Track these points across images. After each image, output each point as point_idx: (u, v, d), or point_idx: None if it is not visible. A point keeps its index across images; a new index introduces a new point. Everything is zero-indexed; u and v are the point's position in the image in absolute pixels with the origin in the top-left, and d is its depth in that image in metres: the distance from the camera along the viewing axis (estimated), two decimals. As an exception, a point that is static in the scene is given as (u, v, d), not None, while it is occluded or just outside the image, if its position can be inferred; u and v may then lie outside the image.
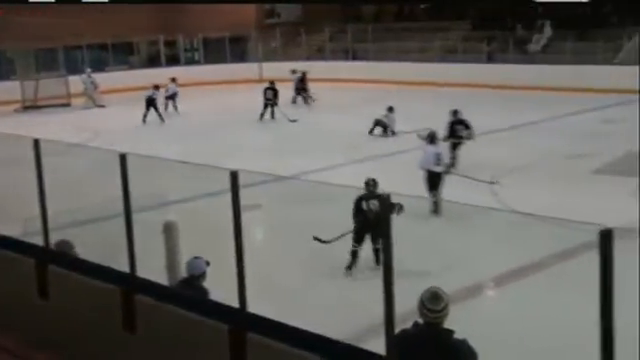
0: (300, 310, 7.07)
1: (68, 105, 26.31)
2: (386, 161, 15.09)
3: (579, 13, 25.25)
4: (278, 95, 22.22)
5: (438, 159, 11.50)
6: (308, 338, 3.80)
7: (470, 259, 9.12)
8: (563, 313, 7.23)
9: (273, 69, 29.29)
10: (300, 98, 25.16)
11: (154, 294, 4.56)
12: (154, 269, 6.39)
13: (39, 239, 5.55)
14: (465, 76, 26.53)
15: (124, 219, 4.80)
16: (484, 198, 11.48)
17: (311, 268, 9.15)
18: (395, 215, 7.21)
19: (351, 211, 8.99)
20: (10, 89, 26.04)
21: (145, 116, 21.97)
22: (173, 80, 24.70)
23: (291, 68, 26.06)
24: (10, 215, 8.03)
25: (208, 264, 5.93)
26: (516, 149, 16.04)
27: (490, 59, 28.27)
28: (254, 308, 4.14)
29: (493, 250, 9.42)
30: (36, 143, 5.33)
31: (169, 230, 7.62)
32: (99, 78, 27.82)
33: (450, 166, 12.25)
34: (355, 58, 31.81)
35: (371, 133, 18.26)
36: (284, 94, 23.09)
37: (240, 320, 4.08)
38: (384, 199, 4.15)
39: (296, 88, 25.27)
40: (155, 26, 32.73)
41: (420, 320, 3.99)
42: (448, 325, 3.99)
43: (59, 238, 6.47)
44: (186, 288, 5.76)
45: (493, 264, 8.95)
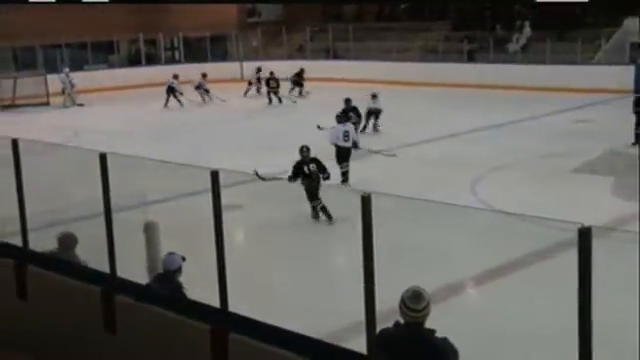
0: (281, 309, 7.07)
1: (47, 104, 26.11)
2: (367, 160, 15.11)
3: (558, 13, 25.46)
4: (279, 83, 25.15)
5: (346, 135, 13.36)
6: (290, 337, 3.81)
7: (450, 258, 9.16)
8: (541, 311, 7.28)
9: (254, 68, 29.27)
10: (296, 90, 26.32)
11: (135, 294, 4.54)
12: (135, 269, 6.37)
13: (17, 240, 5.51)
14: (445, 76, 26.67)
15: (104, 219, 4.78)
16: (464, 197, 11.56)
17: (293, 267, 9.15)
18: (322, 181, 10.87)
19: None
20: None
21: (167, 101, 25.09)
22: (204, 76, 26.22)
23: (257, 66, 27.57)
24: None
25: (184, 259, 5.97)
26: (495, 148, 16.14)
27: (470, 59, 28.43)
28: (235, 307, 4.14)
29: (473, 249, 9.46)
30: (14, 143, 5.29)
31: (150, 230, 7.59)
32: (78, 77, 27.62)
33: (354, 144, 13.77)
34: (336, 57, 31.86)
35: (364, 130, 18.05)
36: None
37: (222, 320, 4.08)
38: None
39: (293, 82, 26.51)
40: (135, 25, 32.52)
41: (401, 319, 4.00)
42: (430, 322, 4.01)
43: (63, 231, 6.49)
44: (162, 282, 5.78)
45: (473, 263, 8.99)
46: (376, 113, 18.76)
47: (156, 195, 11.20)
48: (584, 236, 2.96)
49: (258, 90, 27.05)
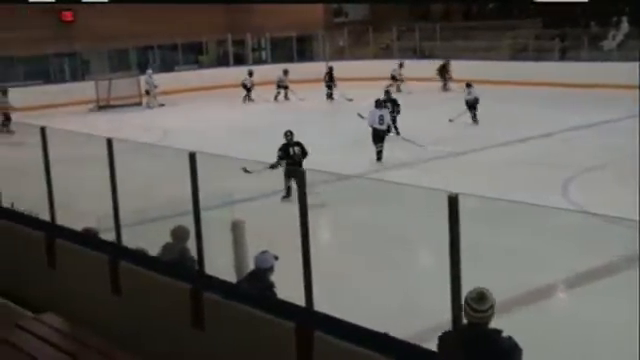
0: (366, 309, 7.05)
1: (139, 104, 26.94)
2: (451, 162, 14.92)
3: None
4: (334, 79, 26.10)
5: (381, 119, 15.20)
6: (374, 337, 3.79)
7: (541, 260, 8.93)
8: (633, 320, 7.00)
9: (340, 68, 29.30)
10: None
11: (222, 292, 4.61)
12: (222, 267, 6.49)
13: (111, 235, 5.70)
14: (536, 74, 25.99)
15: (193, 217, 4.87)
16: (555, 198, 11.25)
17: (377, 267, 9.12)
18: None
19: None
20: (85, 89, 26.83)
21: (245, 98, 26.45)
22: (285, 72, 26.87)
23: (283, 69, 27.32)
24: (85, 212, 8.25)
25: (276, 258, 5.99)
26: (589, 148, 15.64)
27: (562, 57, 27.62)
28: (320, 306, 4.15)
29: (564, 252, 9.20)
30: (109, 143, 5.45)
31: (237, 228, 7.70)
32: (169, 78, 28.36)
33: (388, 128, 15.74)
34: (423, 57, 31.55)
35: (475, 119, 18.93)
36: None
37: (307, 318, 4.10)
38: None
39: (327, 83, 26.79)
40: (224, 26, 33.19)
41: (465, 320, 3.93)
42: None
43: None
44: (253, 280, 5.84)
45: (564, 266, 8.74)
46: (473, 103, 18.61)
47: (243, 194, 11.37)
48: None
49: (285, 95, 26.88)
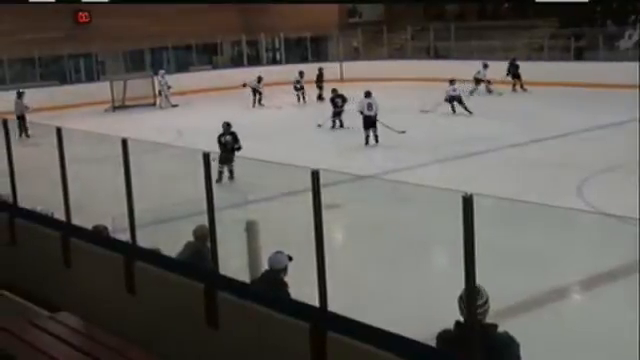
0: (380, 309, 7.04)
1: (154, 105, 27.06)
2: (468, 162, 14.88)
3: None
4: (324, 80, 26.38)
5: (369, 107, 17.06)
6: (389, 338, 3.78)
7: (556, 261, 8.89)
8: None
9: (354, 69, 29.32)
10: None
11: (236, 291, 4.62)
12: (236, 267, 6.50)
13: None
14: (551, 74, 25.86)
15: (207, 217, 4.88)
16: (570, 199, 11.19)
17: (391, 268, 9.10)
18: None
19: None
20: (100, 89, 26.98)
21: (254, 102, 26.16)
22: (301, 74, 26.59)
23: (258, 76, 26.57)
24: (100, 212, 8.29)
25: (290, 259, 6.01)
26: (604, 149, 15.54)
27: (578, 57, 27.45)
28: (334, 307, 4.14)
29: (580, 253, 9.15)
30: (124, 143, 5.47)
31: (251, 229, 7.72)
32: (183, 78, 28.45)
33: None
34: (437, 57, 31.47)
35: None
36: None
37: (321, 319, 4.09)
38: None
39: (317, 84, 26.81)
40: (238, 26, 33.26)
41: (461, 318, 3.90)
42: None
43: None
44: (267, 280, 5.86)
45: (580, 267, 8.69)
46: (459, 99, 20.97)
47: (257, 194, 11.39)
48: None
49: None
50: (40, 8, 27.41)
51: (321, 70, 27.43)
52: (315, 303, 4.18)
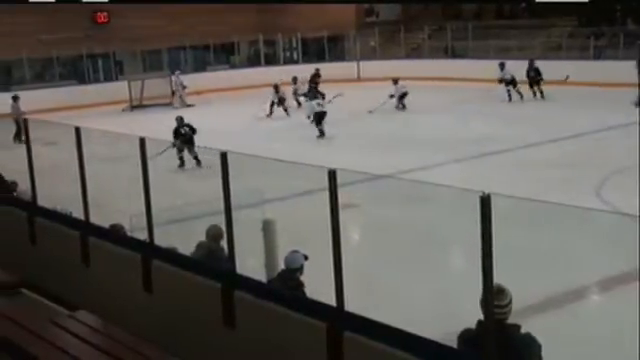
0: (397, 309, 7.04)
1: (171, 104, 27.17)
2: (482, 162, 14.82)
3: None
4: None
5: (318, 104, 19.63)
6: (406, 338, 3.78)
7: (575, 262, 8.84)
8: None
9: (371, 68, 29.26)
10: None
11: (253, 291, 4.63)
12: (253, 266, 6.52)
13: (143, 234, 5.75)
14: (570, 74, 25.65)
15: (224, 217, 4.89)
16: (588, 199, 11.11)
17: (409, 268, 9.09)
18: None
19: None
20: (119, 89, 27.13)
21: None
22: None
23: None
24: (118, 211, 8.35)
25: (306, 258, 6.02)
26: (623, 149, 15.40)
27: (597, 56, 27.23)
28: (351, 307, 4.14)
29: (598, 253, 9.08)
30: (142, 142, 5.49)
31: (268, 228, 7.73)
32: (201, 78, 28.51)
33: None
34: (455, 56, 31.36)
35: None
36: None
37: (338, 319, 4.10)
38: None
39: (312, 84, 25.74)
40: (255, 26, 33.33)
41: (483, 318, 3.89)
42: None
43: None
44: (283, 280, 5.88)
45: (598, 267, 8.63)
46: (511, 82, 22.20)
47: (274, 193, 11.40)
48: None
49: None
50: (59, 8, 27.62)
51: (317, 70, 27.14)
52: (331, 302, 4.18)
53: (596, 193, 11.84)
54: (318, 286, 5.06)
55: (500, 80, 23.96)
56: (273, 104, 23.45)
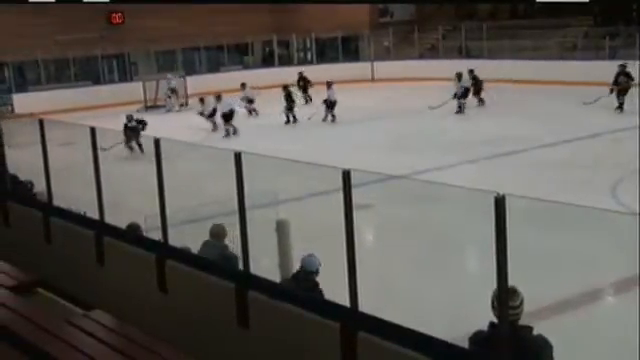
0: (411, 310, 7.03)
1: (186, 105, 27.23)
2: (497, 162, 14.76)
3: None
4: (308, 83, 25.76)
5: (230, 105, 20.83)
6: (419, 339, 3.77)
7: (590, 263, 8.78)
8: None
9: (385, 68, 29.20)
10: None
11: (267, 291, 4.64)
12: (267, 266, 6.53)
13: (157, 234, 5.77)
14: (585, 74, 25.48)
15: (238, 216, 4.90)
16: (604, 200, 11.04)
17: (421, 269, 9.07)
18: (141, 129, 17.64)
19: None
20: (133, 90, 27.25)
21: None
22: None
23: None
24: (133, 211, 8.38)
25: (320, 264, 6.08)
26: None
27: (613, 56, 27.03)
28: (364, 307, 4.14)
29: (614, 254, 9.02)
30: (156, 143, 5.51)
31: (282, 228, 7.74)
32: (215, 78, 28.57)
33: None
34: (469, 57, 31.23)
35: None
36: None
37: (352, 319, 4.09)
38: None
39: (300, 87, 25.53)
40: (269, 27, 33.37)
41: (495, 320, 3.86)
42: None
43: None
44: (299, 281, 5.91)
45: (614, 269, 8.58)
46: (464, 94, 21.22)
47: (287, 194, 11.40)
48: None
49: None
50: (74, 9, 27.78)
51: (301, 74, 26.63)
52: (345, 303, 4.18)
53: (612, 194, 11.76)
54: (332, 287, 5.06)
55: (454, 95, 22.06)
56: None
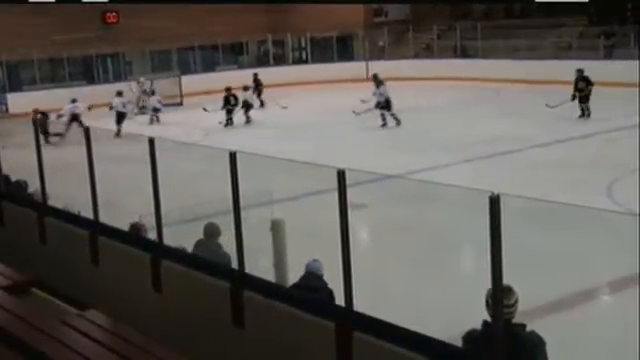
0: (407, 310, 7.03)
1: (181, 104, 27.18)
2: (492, 162, 14.77)
3: None
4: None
5: (124, 106, 21.88)
6: (414, 338, 3.77)
7: (585, 263, 8.79)
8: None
9: (380, 68, 29.12)
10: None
11: (262, 291, 4.63)
12: (262, 266, 6.52)
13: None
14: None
15: (233, 216, 4.88)
16: (599, 199, 11.06)
17: (417, 268, 9.07)
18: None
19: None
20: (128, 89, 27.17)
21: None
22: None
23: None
24: (128, 211, 8.36)
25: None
26: (635, 149, 15.31)
27: (608, 55, 27.10)
28: (359, 307, 4.13)
29: (610, 254, 9.04)
30: (151, 142, 5.50)
31: (277, 228, 7.73)
32: (210, 78, 28.54)
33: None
34: (464, 56, 31.29)
35: None
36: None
37: (347, 318, 4.09)
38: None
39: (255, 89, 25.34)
40: (264, 26, 33.37)
41: (489, 318, 3.87)
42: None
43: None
44: (309, 283, 5.95)
45: (609, 268, 8.59)
46: (386, 104, 19.78)
47: (282, 193, 11.40)
48: None
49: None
50: (69, 9, 27.72)
51: (256, 75, 26.65)
52: (340, 302, 4.18)
53: (607, 194, 11.78)
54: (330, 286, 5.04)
55: (377, 104, 20.16)
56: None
